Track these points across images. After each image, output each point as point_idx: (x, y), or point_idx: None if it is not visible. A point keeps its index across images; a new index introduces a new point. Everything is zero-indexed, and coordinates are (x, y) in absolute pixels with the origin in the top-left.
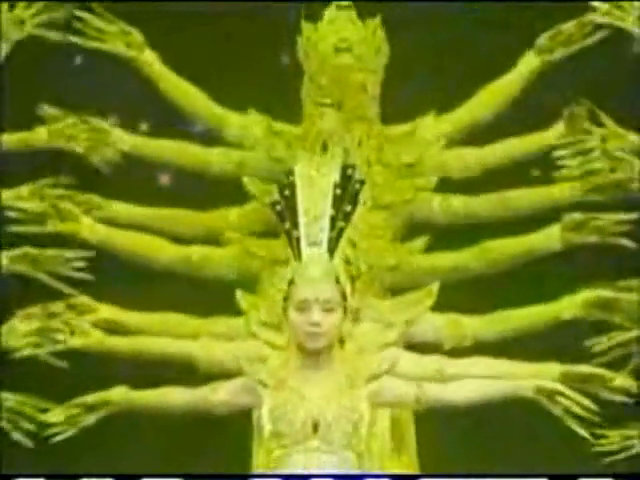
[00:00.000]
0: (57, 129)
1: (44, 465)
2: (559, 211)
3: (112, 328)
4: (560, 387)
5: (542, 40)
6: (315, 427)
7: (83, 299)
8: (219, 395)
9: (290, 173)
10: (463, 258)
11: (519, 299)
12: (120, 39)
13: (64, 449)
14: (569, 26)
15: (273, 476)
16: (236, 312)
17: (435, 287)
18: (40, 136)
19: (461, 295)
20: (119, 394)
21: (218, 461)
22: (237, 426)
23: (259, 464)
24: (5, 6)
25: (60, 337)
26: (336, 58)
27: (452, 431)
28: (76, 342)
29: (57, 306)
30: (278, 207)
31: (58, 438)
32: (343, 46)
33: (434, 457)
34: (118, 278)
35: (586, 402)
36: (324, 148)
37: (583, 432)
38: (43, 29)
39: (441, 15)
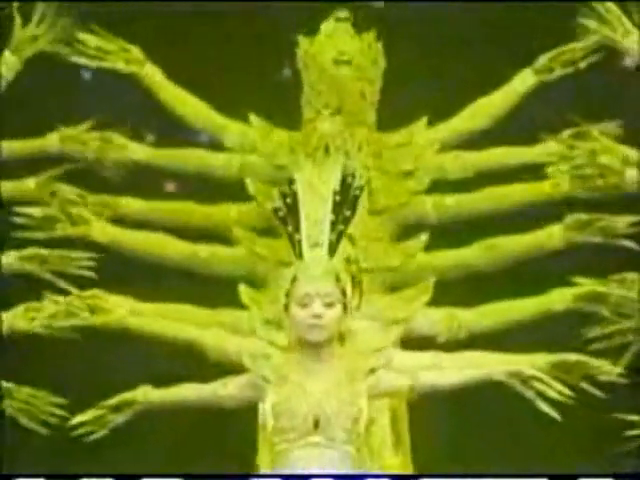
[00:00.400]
0: (69, 135)
1: (48, 465)
2: (560, 209)
3: None
4: (533, 371)
5: (541, 60)
6: (316, 423)
7: (94, 291)
8: (228, 389)
9: (292, 181)
10: (465, 256)
11: (514, 292)
12: (120, 56)
13: (67, 449)
14: (569, 48)
15: (273, 476)
16: (241, 306)
17: (430, 283)
18: (52, 142)
19: (457, 289)
20: (143, 394)
21: (224, 459)
22: (243, 423)
23: (263, 460)
24: (19, 22)
25: (81, 315)
26: (336, 70)
27: (446, 427)
28: (97, 320)
29: (68, 297)
30: (280, 213)
31: (91, 438)
32: (342, 59)
33: (427, 452)
34: (126, 276)
35: (559, 386)
36: (326, 150)
37: (554, 414)
38: (56, 44)
39: (438, 19)
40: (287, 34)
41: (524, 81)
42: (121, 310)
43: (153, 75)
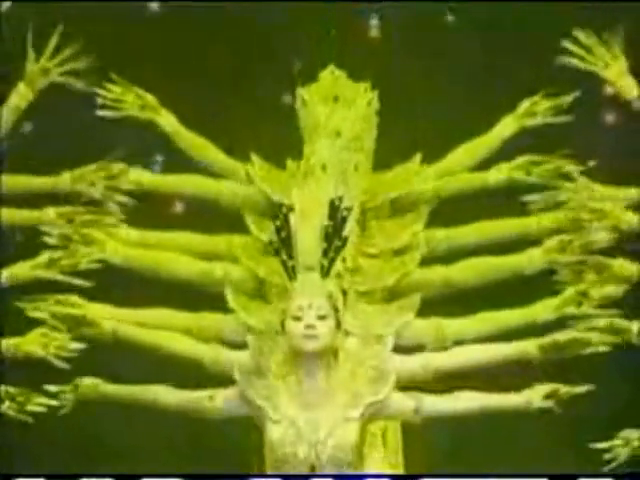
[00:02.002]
0: (79, 174)
1: (45, 464)
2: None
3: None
4: (555, 386)
5: (522, 107)
6: (312, 468)
7: (70, 297)
8: (216, 403)
9: (285, 209)
10: (450, 273)
11: (501, 304)
12: (135, 103)
13: (66, 447)
14: (550, 102)
15: (273, 476)
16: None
17: (417, 298)
18: (64, 181)
19: (444, 302)
20: (88, 385)
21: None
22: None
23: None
24: (32, 56)
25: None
26: (332, 109)
27: (439, 436)
28: (87, 332)
29: (46, 303)
30: (275, 244)
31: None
32: (339, 98)
33: (426, 453)
34: (104, 282)
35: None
36: (323, 168)
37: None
38: (67, 77)
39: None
40: (290, 70)
41: (507, 127)
42: (108, 323)
43: (168, 124)
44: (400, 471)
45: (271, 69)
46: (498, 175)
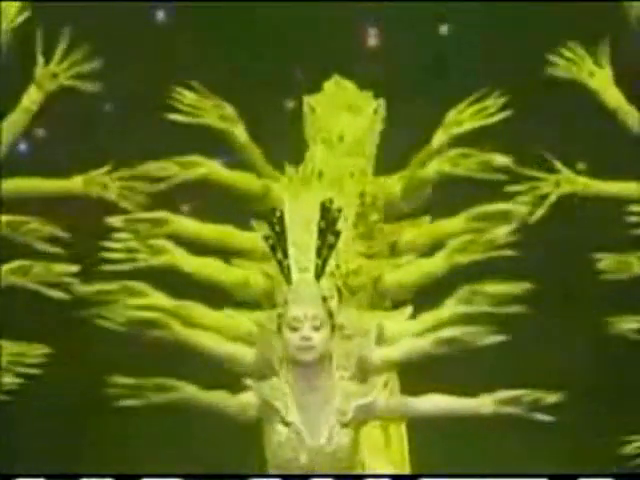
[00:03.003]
0: (91, 178)
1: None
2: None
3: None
4: (518, 392)
5: (448, 118)
6: (312, 469)
7: (136, 284)
8: (251, 412)
9: (279, 211)
10: (428, 265)
11: None
12: (214, 113)
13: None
14: (474, 107)
15: (273, 476)
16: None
17: (408, 310)
18: (76, 185)
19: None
20: (189, 389)
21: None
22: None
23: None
24: (41, 61)
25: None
26: (337, 116)
27: (444, 427)
28: (154, 335)
29: (112, 285)
30: (270, 241)
31: (122, 403)
32: (344, 105)
33: (425, 452)
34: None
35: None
36: (320, 175)
37: (549, 417)
38: (76, 80)
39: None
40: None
41: (438, 138)
42: (177, 325)
43: (241, 135)
44: (406, 470)
45: (272, 74)
46: (432, 168)
